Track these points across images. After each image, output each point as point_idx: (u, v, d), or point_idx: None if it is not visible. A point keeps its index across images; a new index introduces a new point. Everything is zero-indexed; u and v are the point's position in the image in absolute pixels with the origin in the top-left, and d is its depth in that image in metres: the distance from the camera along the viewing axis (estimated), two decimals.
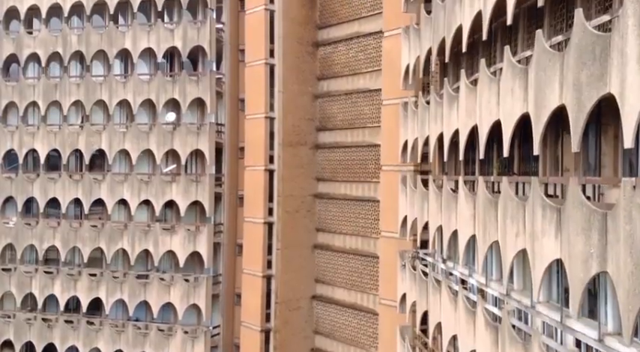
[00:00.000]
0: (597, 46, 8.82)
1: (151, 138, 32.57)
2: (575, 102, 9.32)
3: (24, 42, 34.85)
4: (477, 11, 13.93)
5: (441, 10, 16.86)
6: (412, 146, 20.25)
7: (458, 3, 15.17)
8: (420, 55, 19.47)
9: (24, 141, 34.67)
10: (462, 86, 14.72)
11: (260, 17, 31.33)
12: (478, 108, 13.64)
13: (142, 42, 32.75)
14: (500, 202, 12.16)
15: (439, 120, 16.78)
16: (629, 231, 7.74)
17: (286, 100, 31.65)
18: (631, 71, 7.87)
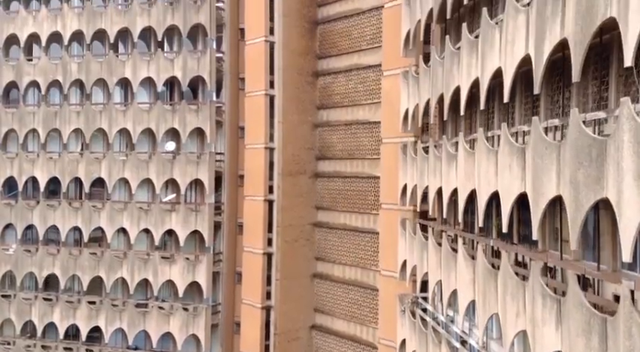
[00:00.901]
0: (594, 148, 8.93)
1: (150, 167, 32.65)
2: (572, 200, 9.42)
3: (24, 69, 34.95)
4: (474, 78, 14.06)
5: (439, 67, 16.97)
6: (411, 191, 20.35)
7: (456, 65, 15.28)
8: (419, 103, 19.59)
9: (24, 168, 34.74)
10: (461, 149, 14.82)
11: (260, 49, 31.43)
12: (476, 176, 13.73)
13: (142, 71, 32.85)
14: (500, 278, 12.25)
15: (438, 174, 16.88)
16: (629, 347, 7.82)
17: (286, 130, 31.74)
18: (628, 186, 7.97)
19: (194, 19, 32.24)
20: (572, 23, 9.66)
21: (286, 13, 31.58)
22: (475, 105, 16.00)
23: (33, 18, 34.71)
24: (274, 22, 31.44)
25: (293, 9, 31.84)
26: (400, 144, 22.20)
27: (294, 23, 31.98)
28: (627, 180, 7.98)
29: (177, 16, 32.35)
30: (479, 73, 13.91)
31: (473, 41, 14.41)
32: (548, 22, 10.49)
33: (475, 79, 14.00)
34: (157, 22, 32.57)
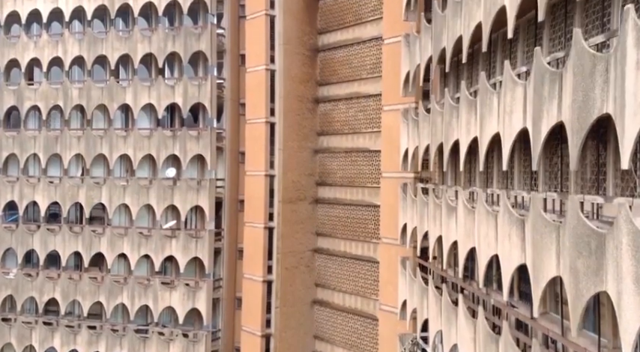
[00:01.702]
0: (592, 239, 9.02)
1: (151, 193, 32.74)
2: (573, 286, 9.53)
3: (25, 94, 35.04)
4: (473, 136, 14.15)
5: (438, 116, 17.09)
6: (411, 232, 20.39)
7: (455, 118, 15.41)
8: (418, 146, 19.69)
9: (24, 193, 34.82)
10: (460, 206, 14.93)
11: (261, 77, 31.54)
12: (476, 236, 13.84)
13: (143, 97, 32.96)
14: (501, 344, 12.35)
15: (437, 222, 16.98)
16: None
17: (286, 157, 31.85)
18: (627, 288, 8.07)
19: (195, 47, 32.35)
20: (569, 110, 9.78)
21: (287, 41, 31.72)
22: (475, 158, 16.13)
23: (34, 43, 34.81)
24: (275, 51, 31.57)
25: (293, 37, 31.98)
26: (400, 183, 22.30)
27: (294, 51, 32.11)
28: (626, 283, 8.09)
29: (178, 43, 32.46)
30: (477, 133, 14.03)
31: (472, 100, 14.52)
32: (546, 103, 10.61)
33: (474, 138, 14.10)
34: (158, 48, 32.68)
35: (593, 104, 9.11)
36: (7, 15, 35.40)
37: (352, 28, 31.32)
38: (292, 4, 31.83)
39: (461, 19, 15.55)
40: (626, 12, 8.25)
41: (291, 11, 31.75)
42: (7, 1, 35.25)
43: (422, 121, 19.31)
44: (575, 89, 9.56)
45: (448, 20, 16.58)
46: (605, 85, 8.86)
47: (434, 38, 18.13)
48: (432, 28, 18.51)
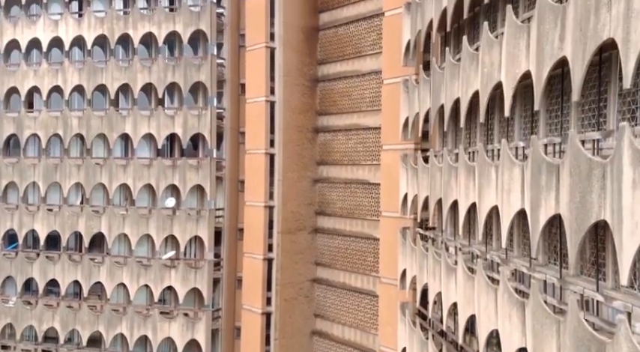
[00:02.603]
0: None
1: (150, 223, 32.75)
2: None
3: (24, 123, 35.06)
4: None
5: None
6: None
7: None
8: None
9: (24, 221, 34.81)
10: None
11: (260, 108, 31.59)
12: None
13: (143, 127, 32.98)
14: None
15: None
16: None
17: (285, 188, 31.88)
18: None
19: (195, 77, 32.40)
20: (567, 207, 9.81)
21: (287, 73, 31.78)
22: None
23: (34, 71, 34.83)
24: (275, 82, 31.62)
25: (293, 68, 32.03)
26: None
27: (294, 82, 32.16)
28: None
29: (178, 74, 32.51)
30: (477, 200, 14.06)
31: (470, 166, 14.55)
32: (543, 192, 10.63)
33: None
34: (158, 79, 32.72)
35: (591, 208, 9.15)
36: (7, 43, 35.39)
37: (352, 61, 31.38)
38: (292, 36, 31.89)
39: (459, 82, 15.61)
40: (622, 129, 8.29)
41: (291, 43, 31.82)
42: (7, 29, 35.25)
43: (421, 172, 19.34)
44: (573, 189, 9.60)
45: (447, 80, 16.63)
46: (602, 191, 8.90)
47: (432, 92, 18.18)
48: (430, 82, 18.56)
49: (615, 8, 8.67)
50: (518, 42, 11.94)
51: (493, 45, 13.32)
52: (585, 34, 9.39)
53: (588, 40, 9.31)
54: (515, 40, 12.06)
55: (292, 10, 31.86)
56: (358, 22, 30.94)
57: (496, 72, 13.15)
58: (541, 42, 10.86)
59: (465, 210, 15.08)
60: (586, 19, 9.40)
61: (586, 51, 9.35)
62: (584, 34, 9.44)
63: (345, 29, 31.71)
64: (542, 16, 10.84)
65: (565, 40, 10.14)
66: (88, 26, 33.74)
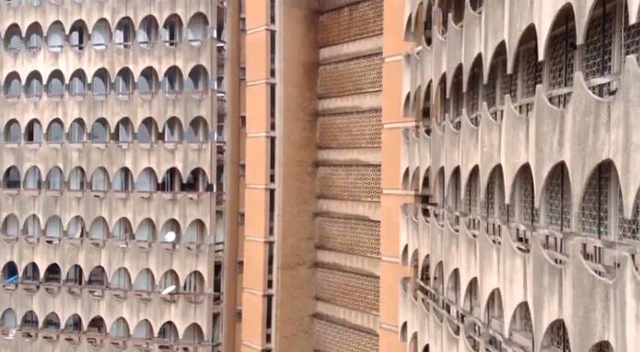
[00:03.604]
0: None
1: (150, 257, 32.73)
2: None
3: (24, 155, 35.05)
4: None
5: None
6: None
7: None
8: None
9: (23, 253, 34.79)
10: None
11: (261, 143, 31.59)
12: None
13: (143, 161, 32.99)
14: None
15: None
16: None
17: (285, 223, 31.85)
18: None
19: (195, 112, 32.42)
20: (570, 320, 9.78)
21: (287, 108, 31.80)
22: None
23: (34, 104, 34.84)
24: (275, 118, 31.63)
25: (294, 103, 32.04)
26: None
27: (294, 117, 32.17)
28: None
29: (179, 109, 32.53)
30: (478, 275, 14.03)
31: (472, 240, 14.54)
32: (546, 294, 10.61)
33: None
34: (158, 113, 32.75)
35: (594, 327, 9.12)
36: (7, 75, 35.41)
37: (352, 97, 31.38)
38: (292, 71, 31.90)
39: (458, 151, 15.60)
40: (624, 261, 8.27)
41: (291, 79, 31.83)
42: (8, 61, 35.28)
43: (421, 229, 19.31)
44: (576, 303, 9.57)
45: (447, 146, 16.62)
46: (606, 312, 8.87)
47: (432, 153, 18.17)
48: (430, 143, 18.55)
49: (614, 133, 8.66)
50: (517, 132, 11.94)
51: (492, 127, 13.31)
52: (584, 149, 9.38)
53: (587, 155, 9.30)
54: (514, 129, 12.05)
55: (293, 45, 31.88)
56: (358, 59, 30.95)
57: (496, 154, 13.14)
58: (540, 142, 10.86)
59: (466, 282, 15.05)
60: (585, 134, 9.39)
61: (585, 166, 9.34)
62: (582, 149, 9.43)
63: (346, 65, 31.72)
64: (540, 117, 10.83)
65: (564, 146, 10.13)
66: (88, 60, 33.77)
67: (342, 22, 31.85)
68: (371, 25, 30.20)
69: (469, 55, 14.86)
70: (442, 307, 18.01)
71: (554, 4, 10.41)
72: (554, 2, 10.41)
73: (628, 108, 8.27)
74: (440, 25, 19.18)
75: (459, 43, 15.67)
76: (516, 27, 11.93)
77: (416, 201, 22.10)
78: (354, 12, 31.10)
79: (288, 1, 31.55)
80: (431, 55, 18.43)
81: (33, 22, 34.67)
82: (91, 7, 33.56)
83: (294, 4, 31.76)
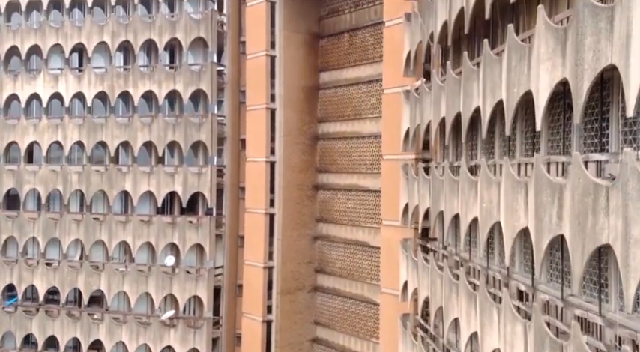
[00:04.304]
0: None
1: (149, 281, 32.67)
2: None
3: (24, 178, 35.00)
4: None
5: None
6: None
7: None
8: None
9: (23, 276, 34.73)
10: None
11: (261, 168, 31.55)
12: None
13: (143, 185, 32.94)
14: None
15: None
16: None
17: (285, 247, 31.81)
18: None
19: (195, 137, 32.38)
20: None
21: (287, 133, 31.78)
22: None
23: (34, 126, 34.80)
24: (275, 142, 31.59)
25: (294, 127, 32.02)
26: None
27: (294, 141, 32.15)
28: None
29: (178, 133, 32.49)
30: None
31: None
32: None
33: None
34: (158, 137, 32.71)
35: None
36: (7, 97, 35.38)
37: (352, 122, 31.36)
38: (292, 96, 31.88)
39: (458, 200, 15.56)
40: None
41: (291, 103, 31.81)
42: (7, 83, 35.26)
43: (421, 270, 19.27)
44: None
45: (446, 193, 16.58)
46: None
47: (432, 198, 18.13)
48: (429, 184, 18.51)
49: (613, 220, 8.61)
50: (517, 196, 11.90)
51: (491, 184, 13.27)
52: (584, 230, 9.33)
53: (587, 237, 9.25)
54: (513, 192, 12.01)
55: (293, 70, 31.86)
56: (358, 85, 30.93)
57: (495, 211, 13.10)
58: (539, 212, 10.81)
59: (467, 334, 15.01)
60: (584, 215, 9.34)
61: (585, 247, 9.29)
62: (582, 230, 9.38)
63: (345, 90, 31.70)
64: (539, 187, 10.78)
65: (563, 221, 10.09)
66: (88, 83, 33.74)
67: (342, 48, 31.84)
68: (371, 52, 30.19)
69: (467, 107, 14.85)
70: (442, 350, 17.98)
71: (550, 78, 10.39)
72: (550, 76, 10.40)
73: (627, 201, 8.23)
74: (439, 67, 19.21)
75: (457, 91, 15.66)
76: (514, 91, 11.91)
77: (415, 236, 22.05)
78: (354, 38, 31.10)
79: (289, 26, 31.55)
80: (430, 96, 18.42)
81: (33, 44, 34.64)
82: (90, 30, 33.53)
83: (295, 29, 31.75)
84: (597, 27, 9.04)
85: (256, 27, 31.42)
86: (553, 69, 10.37)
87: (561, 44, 10.12)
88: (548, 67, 10.51)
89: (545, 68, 10.62)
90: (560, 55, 10.17)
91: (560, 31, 10.17)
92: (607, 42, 8.79)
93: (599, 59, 8.97)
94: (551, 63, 10.43)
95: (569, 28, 9.91)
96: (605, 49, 8.83)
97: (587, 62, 9.25)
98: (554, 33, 10.36)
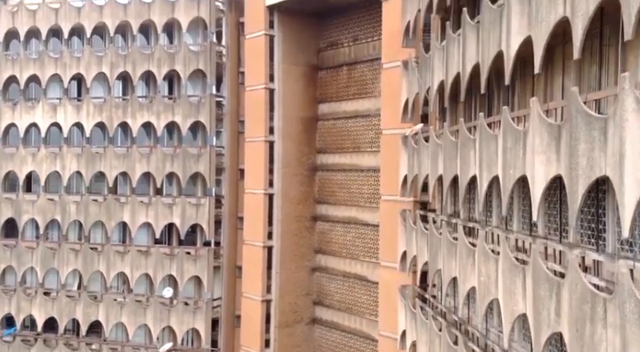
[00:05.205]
0: None
1: (147, 313, 32.58)
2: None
3: (22, 207, 34.94)
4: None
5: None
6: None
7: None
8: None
9: (21, 306, 34.65)
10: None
11: (259, 200, 31.43)
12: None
13: (141, 216, 32.88)
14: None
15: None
16: None
17: (283, 280, 31.68)
18: None
19: (193, 168, 32.35)
20: None
21: (286, 164, 31.67)
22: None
23: (32, 156, 34.75)
24: (273, 175, 31.49)
25: (292, 159, 31.91)
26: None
27: (293, 172, 32.03)
28: None
29: (177, 164, 32.45)
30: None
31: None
32: None
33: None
34: (156, 168, 32.66)
35: None
36: (5, 126, 35.35)
37: (350, 155, 31.22)
38: (291, 127, 31.78)
39: (455, 263, 15.45)
40: None
41: (290, 135, 31.71)
42: (6, 112, 35.23)
43: (419, 324, 19.14)
44: None
45: (444, 256, 16.47)
46: None
47: (430, 257, 18.02)
48: (427, 239, 18.41)
49: (611, 333, 8.50)
50: (515, 280, 11.78)
51: (489, 259, 13.15)
52: (582, 337, 9.21)
53: (585, 345, 9.13)
54: (511, 278, 11.89)
55: (292, 101, 31.77)
56: (356, 118, 30.82)
57: (493, 288, 12.98)
58: (537, 305, 10.68)
59: None
60: (582, 322, 9.23)
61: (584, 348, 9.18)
62: (580, 336, 9.26)
63: (344, 123, 31.59)
64: (537, 283, 10.66)
65: (561, 317, 9.96)
66: (86, 113, 33.70)
67: (341, 80, 31.75)
68: (369, 86, 30.09)
69: (465, 173, 14.75)
70: None
71: (546, 172, 10.29)
72: (546, 170, 10.29)
73: (624, 323, 8.11)
74: (436, 121, 19.12)
75: (454, 155, 15.53)
76: (510, 172, 11.80)
77: (414, 283, 21.90)
78: (353, 71, 31.00)
79: (288, 58, 31.47)
80: (427, 150, 18.31)
81: (32, 74, 34.62)
82: (89, 60, 33.50)
83: (294, 61, 31.67)
84: (591, 135, 8.94)
85: (255, 60, 31.35)
86: (548, 163, 10.26)
87: (555, 140, 10.02)
88: (543, 160, 10.41)
89: (540, 160, 10.51)
90: (554, 150, 10.07)
91: (555, 127, 10.07)
92: (601, 153, 8.69)
93: (594, 168, 8.86)
94: (546, 157, 10.32)
95: (563, 126, 9.81)
96: (600, 159, 8.73)
97: (582, 167, 9.15)
98: (548, 127, 10.26)
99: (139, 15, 32.66)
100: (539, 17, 10.48)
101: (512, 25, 11.62)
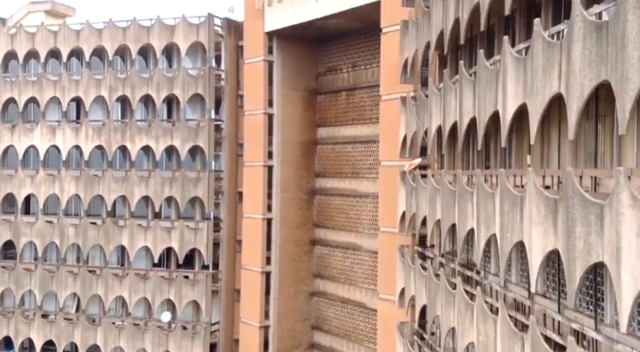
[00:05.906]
0: None
1: (146, 337, 32.46)
2: None
3: (21, 230, 34.83)
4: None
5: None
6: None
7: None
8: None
9: (20, 329, 34.53)
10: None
11: (257, 225, 31.30)
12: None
13: (139, 240, 32.78)
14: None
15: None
16: None
17: (282, 305, 31.53)
18: None
19: (192, 192, 32.25)
20: None
21: (284, 189, 31.56)
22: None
23: (30, 179, 34.65)
24: (272, 200, 31.36)
25: (291, 183, 31.80)
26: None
27: (292, 196, 31.92)
28: None
29: (175, 188, 32.35)
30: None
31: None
32: None
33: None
34: (155, 192, 32.55)
35: None
36: (3, 148, 35.26)
37: (349, 180, 31.11)
38: (290, 151, 31.67)
39: (454, 313, 15.32)
40: None
41: (288, 159, 31.61)
42: (5, 134, 35.14)
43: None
44: None
45: (442, 303, 16.34)
46: None
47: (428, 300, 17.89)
48: (425, 280, 18.27)
49: None
50: (514, 346, 11.64)
51: (488, 319, 13.03)
52: None
53: None
54: (510, 344, 11.76)
55: (291, 126, 31.67)
56: (355, 144, 30.72)
57: (492, 350, 12.85)
58: None
59: None
60: None
61: None
62: None
63: (342, 148, 31.50)
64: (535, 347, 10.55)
65: None
66: (85, 136, 33.62)
67: (340, 105, 31.66)
68: (368, 113, 29.98)
69: (462, 225, 14.62)
70: None
71: (543, 244, 10.15)
72: (543, 242, 10.15)
73: None
74: (434, 163, 19.00)
75: (452, 205, 15.42)
76: (507, 236, 11.67)
77: (412, 320, 21.68)
78: (352, 97, 30.91)
79: (287, 83, 31.38)
80: (425, 193, 18.19)
81: (30, 96, 34.54)
82: (88, 84, 33.42)
83: (293, 86, 31.58)
84: (587, 219, 8.81)
85: (254, 85, 31.24)
86: (545, 235, 10.14)
87: (552, 214, 9.89)
88: (541, 231, 10.28)
89: (537, 231, 10.39)
90: (552, 224, 9.94)
91: (552, 200, 9.94)
92: (598, 238, 8.57)
93: (590, 252, 8.74)
94: (543, 228, 10.19)
95: (559, 202, 9.69)
96: (597, 244, 8.60)
97: (579, 250, 9.02)
98: (545, 200, 10.14)
99: (137, 39, 32.59)
100: (535, 88, 10.37)
101: (508, 89, 11.51)
